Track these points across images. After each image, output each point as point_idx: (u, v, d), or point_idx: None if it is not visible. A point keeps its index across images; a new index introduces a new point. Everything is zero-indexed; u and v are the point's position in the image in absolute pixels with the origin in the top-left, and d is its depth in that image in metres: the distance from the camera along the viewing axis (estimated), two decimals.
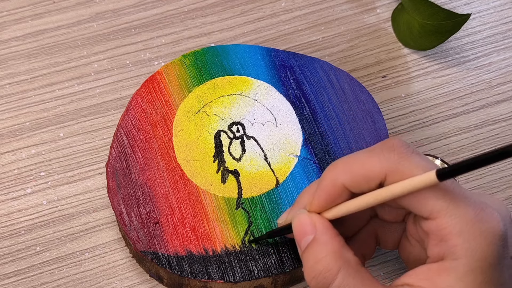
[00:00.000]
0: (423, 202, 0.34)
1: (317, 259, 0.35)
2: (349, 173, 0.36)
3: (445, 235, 0.34)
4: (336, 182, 0.36)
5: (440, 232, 0.34)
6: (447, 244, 0.34)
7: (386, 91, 0.55)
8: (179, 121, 0.47)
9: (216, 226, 0.43)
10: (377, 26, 0.59)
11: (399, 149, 0.35)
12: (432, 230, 0.35)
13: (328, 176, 0.37)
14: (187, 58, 0.50)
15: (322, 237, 0.36)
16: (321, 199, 0.37)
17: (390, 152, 0.35)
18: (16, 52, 0.55)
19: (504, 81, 0.56)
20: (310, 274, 0.36)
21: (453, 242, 0.34)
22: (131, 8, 0.58)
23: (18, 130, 0.51)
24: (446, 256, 0.34)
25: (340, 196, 0.37)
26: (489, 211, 0.34)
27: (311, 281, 0.36)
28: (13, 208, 0.48)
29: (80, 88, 0.54)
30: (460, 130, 0.53)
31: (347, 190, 0.36)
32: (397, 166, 0.35)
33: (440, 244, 0.34)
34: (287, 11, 0.59)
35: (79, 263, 0.46)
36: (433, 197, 0.34)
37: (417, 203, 0.35)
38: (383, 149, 0.36)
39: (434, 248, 0.35)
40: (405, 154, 0.35)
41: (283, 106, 0.48)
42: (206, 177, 0.45)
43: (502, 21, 0.60)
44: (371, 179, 0.35)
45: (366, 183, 0.36)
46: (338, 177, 0.36)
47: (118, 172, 0.45)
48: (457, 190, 0.34)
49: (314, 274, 0.35)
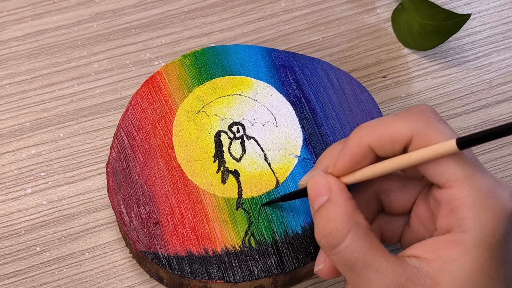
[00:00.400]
0: (442, 169, 0.35)
1: (329, 219, 0.36)
2: (375, 133, 0.36)
3: (457, 205, 0.34)
4: (362, 143, 0.37)
5: (452, 202, 0.34)
6: (457, 216, 0.34)
7: (386, 91, 0.55)
8: (179, 121, 0.47)
9: (216, 227, 0.43)
10: (377, 26, 0.59)
11: (428, 113, 0.36)
12: (445, 200, 0.35)
13: (354, 137, 0.37)
14: (187, 58, 0.50)
15: (336, 198, 0.36)
16: (346, 160, 0.37)
17: (419, 116, 0.36)
18: (16, 52, 0.55)
19: (504, 81, 0.56)
20: (320, 232, 0.36)
21: (463, 213, 0.34)
22: (131, 8, 0.58)
23: (18, 130, 0.51)
24: (455, 228, 0.34)
25: (365, 158, 0.37)
26: (501, 189, 0.35)
27: (321, 240, 0.36)
28: (13, 208, 0.48)
29: (80, 88, 0.54)
30: (460, 130, 0.53)
31: (372, 153, 0.37)
32: (424, 130, 0.35)
33: (450, 215, 0.35)
34: (287, 11, 0.59)
35: (79, 263, 0.46)
36: (453, 165, 0.34)
37: (436, 170, 0.35)
38: (412, 112, 0.36)
39: (444, 219, 0.35)
40: (433, 119, 0.36)
41: (283, 107, 0.48)
42: (206, 177, 0.45)
43: (502, 21, 0.60)
44: (397, 140, 0.36)
45: (391, 144, 0.36)
46: (364, 138, 0.37)
47: (118, 173, 0.45)
48: (476, 164, 0.35)
49: (324, 233, 0.36)
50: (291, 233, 0.43)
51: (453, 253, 0.34)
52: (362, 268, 0.35)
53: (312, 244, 0.43)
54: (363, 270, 0.35)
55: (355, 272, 0.35)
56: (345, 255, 0.35)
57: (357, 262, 0.35)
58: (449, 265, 0.34)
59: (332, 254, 0.36)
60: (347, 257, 0.35)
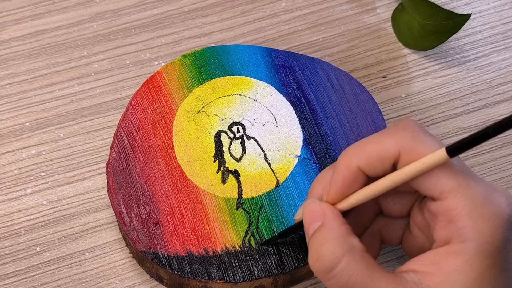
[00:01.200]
0: (434, 182, 0.35)
1: (322, 242, 0.35)
2: (363, 154, 0.36)
3: (454, 216, 0.34)
4: (351, 166, 0.36)
5: (449, 213, 0.34)
6: (455, 226, 0.34)
7: (386, 91, 0.55)
8: (179, 121, 0.47)
9: (216, 227, 0.43)
10: (377, 26, 0.59)
11: (412, 127, 0.36)
12: (441, 212, 0.35)
13: (342, 160, 0.37)
14: (187, 58, 0.50)
15: (330, 223, 0.36)
16: (338, 185, 0.37)
17: (405, 131, 0.36)
18: (16, 52, 0.55)
19: (504, 81, 0.56)
20: (314, 256, 0.36)
21: (461, 223, 0.34)
22: (131, 8, 0.58)
23: (18, 130, 0.51)
24: (454, 238, 0.34)
25: (356, 180, 0.37)
26: (497, 195, 0.34)
27: (314, 264, 0.36)
28: (13, 208, 0.48)
29: (80, 88, 0.54)
30: (460, 130, 0.53)
31: (362, 174, 0.37)
32: (411, 144, 0.35)
33: (448, 226, 0.34)
34: (287, 11, 0.59)
35: (79, 263, 0.46)
36: (445, 177, 0.34)
37: (428, 183, 0.35)
38: (397, 128, 0.36)
39: (442, 231, 0.35)
40: (418, 133, 0.36)
41: (283, 107, 0.48)
42: (206, 177, 0.45)
43: (502, 21, 0.60)
44: (385, 158, 0.36)
45: (380, 163, 0.36)
46: (353, 160, 0.36)
47: (118, 173, 0.45)
48: (467, 172, 0.35)
49: (318, 257, 0.35)
50: None
51: (454, 264, 0.33)
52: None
53: None
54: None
55: None
56: (341, 279, 0.34)
57: (355, 285, 0.34)
58: (451, 277, 0.33)
59: (328, 279, 0.35)
60: (344, 281, 0.34)
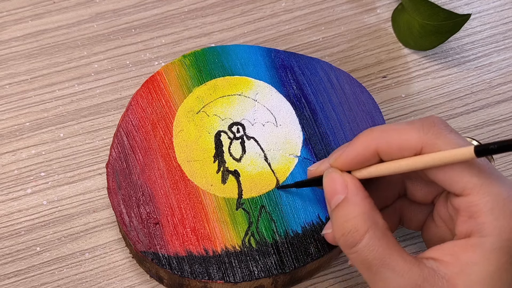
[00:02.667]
0: (457, 179, 0.35)
1: (347, 218, 0.36)
2: (385, 139, 0.36)
3: (475, 212, 0.34)
4: (370, 146, 0.37)
5: (470, 208, 0.35)
6: (476, 221, 0.34)
7: (386, 91, 0.55)
8: (179, 121, 0.47)
9: (216, 227, 0.43)
10: (377, 26, 0.59)
11: (439, 125, 0.36)
12: (463, 207, 0.35)
13: (363, 138, 0.37)
14: (187, 58, 0.50)
15: (353, 197, 0.37)
16: (349, 158, 0.38)
17: (430, 127, 0.36)
18: (16, 52, 0.55)
19: (504, 81, 0.56)
20: (339, 231, 0.37)
21: (482, 219, 0.34)
22: (131, 8, 0.58)
23: (18, 130, 0.51)
24: (474, 233, 0.34)
25: (368, 160, 0.37)
26: None
27: (339, 238, 0.37)
28: (13, 208, 0.48)
29: (80, 88, 0.54)
30: (460, 130, 0.53)
31: (376, 157, 0.37)
32: (435, 141, 0.35)
33: (469, 221, 0.35)
34: (287, 11, 0.59)
35: (79, 263, 0.46)
36: (468, 174, 0.35)
37: (451, 179, 0.35)
38: (424, 123, 0.36)
39: (463, 225, 0.35)
40: (445, 130, 0.36)
41: (283, 107, 0.48)
42: (206, 177, 0.45)
43: (502, 21, 0.60)
44: (406, 149, 0.36)
45: (400, 152, 0.36)
46: (373, 141, 0.37)
47: (118, 173, 0.45)
48: (491, 170, 0.35)
49: (343, 232, 0.36)
50: (291, 233, 0.43)
51: (471, 257, 0.34)
52: (379, 267, 0.35)
53: (312, 245, 0.43)
54: (380, 269, 0.35)
55: (372, 271, 0.35)
56: (362, 254, 0.35)
57: (374, 261, 0.35)
58: (467, 268, 0.34)
59: (350, 253, 0.36)
60: (364, 256, 0.35)
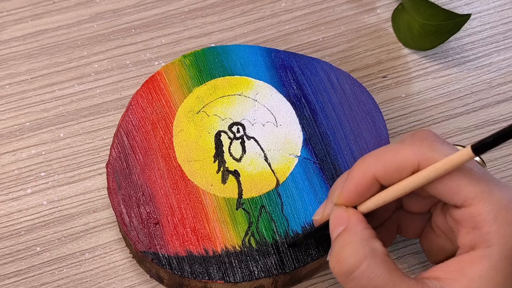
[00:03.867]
0: (456, 190, 0.34)
1: (344, 244, 0.35)
2: (381, 163, 0.36)
3: (479, 222, 0.34)
4: (366, 174, 0.36)
5: (473, 219, 0.34)
6: (480, 232, 0.34)
7: (387, 91, 0.55)
8: (179, 121, 0.47)
9: (217, 227, 0.43)
10: (377, 26, 0.59)
11: (430, 138, 0.36)
12: (465, 218, 0.34)
13: (359, 167, 0.37)
14: (187, 58, 0.50)
15: (353, 227, 0.36)
16: (350, 191, 0.37)
17: (422, 141, 0.35)
18: (16, 52, 0.55)
19: (504, 81, 0.56)
20: (334, 259, 0.35)
21: (487, 229, 0.33)
22: (131, 8, 0.58)
23: (18, 130, 0.51)
24: (479, 244, 0.34)
25: (369, 189, 0.36)
26: None
27: (334, 267, 0.35)
28: (13, 208, 0.48)
29: (80, 88, 0.54)
30: (460, 130, 0.53)
31: (376, 183, 0.36)
32: (430, 154, 0.35)
33: (473, 232, 0.34)
34: (287, 11, 0.59)
35: (80, 263, 0.46)
36: (468, 183, 0.34)
37: (450, 191, 0.35)
38: (414, 139, 0.36)
39: (466, 237, 0.34)
40: (437, 142, 0.35)
41: (283, 107, 0.48)
42: (207, 177, 0.45)
43: (503, 21, 0.60)
44: (403, 169, 0.35)
45: (398, 173, 0.35)
46: (369, 169, 0.36)
47: (118, 173, 0.45)
48: (488, 177, 0.35)
49: (338, 259, 0.35)
50: (291, 233, 0.43)
51: (478, 269, 0.33)
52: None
53: (312, 245, 0.43)
54: None
55: None
56: (361, 282, 0.34)
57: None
58: (475, 282, 0.33)
59: (347, 282, 0.35)
60: (363, 285, 0.34)
